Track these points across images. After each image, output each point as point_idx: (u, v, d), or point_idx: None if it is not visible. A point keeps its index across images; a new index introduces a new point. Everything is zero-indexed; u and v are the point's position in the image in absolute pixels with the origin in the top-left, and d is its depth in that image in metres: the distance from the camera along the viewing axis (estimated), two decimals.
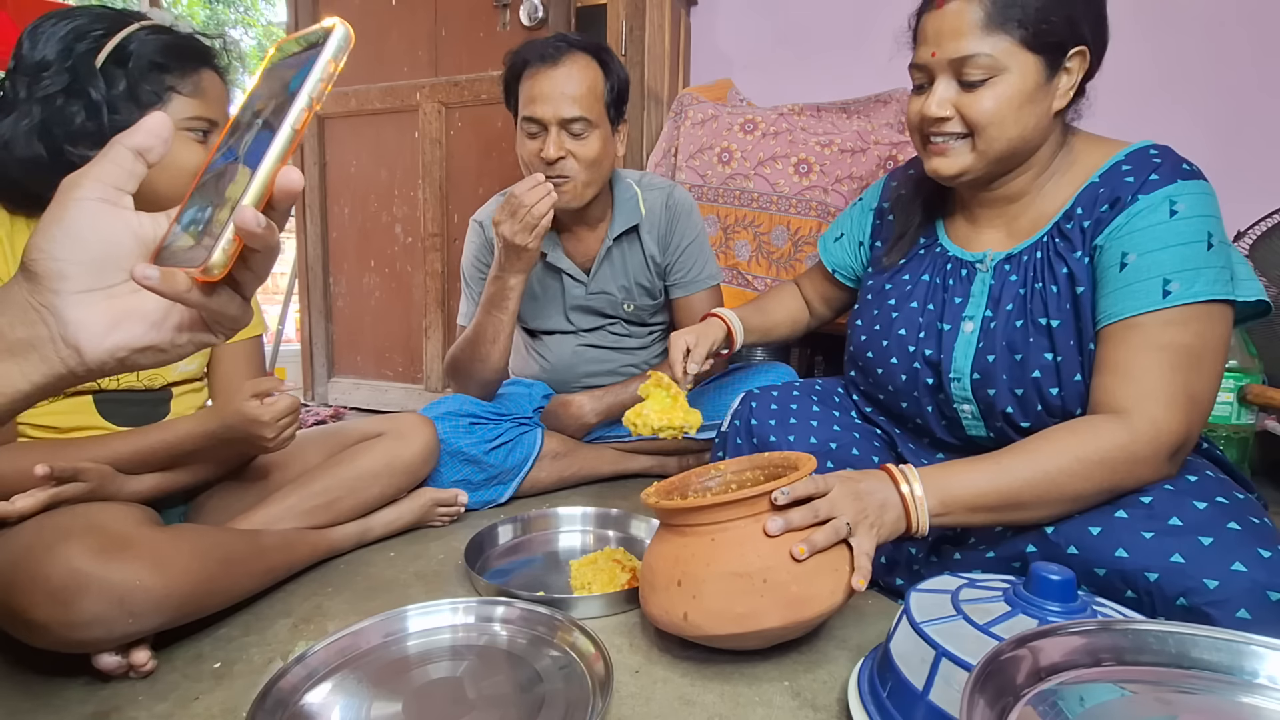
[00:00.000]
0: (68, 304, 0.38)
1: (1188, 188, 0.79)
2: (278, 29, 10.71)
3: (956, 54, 0.82)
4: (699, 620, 0.73)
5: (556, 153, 1.24)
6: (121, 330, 0.39)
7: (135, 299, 0.39)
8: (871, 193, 1.16)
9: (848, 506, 0.75)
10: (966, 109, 0.84)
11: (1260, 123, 1.78)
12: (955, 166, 0.88)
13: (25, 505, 0.80)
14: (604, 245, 1.41)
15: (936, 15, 0.85)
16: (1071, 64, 0.83)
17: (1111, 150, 0.86)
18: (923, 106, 0.87)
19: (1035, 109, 0.83)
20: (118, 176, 0.40)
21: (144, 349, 0.40)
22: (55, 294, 0.38)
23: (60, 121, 0.81)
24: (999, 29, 0.80)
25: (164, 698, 0.72)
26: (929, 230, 1.03)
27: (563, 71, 1.23)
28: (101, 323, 0.39)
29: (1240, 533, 0.69)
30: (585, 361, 1.50)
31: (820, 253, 1.22)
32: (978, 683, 0.39)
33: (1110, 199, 0.82)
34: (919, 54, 0.88)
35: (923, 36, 0.87)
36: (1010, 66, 0.81)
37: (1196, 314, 0.76)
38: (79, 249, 0.38)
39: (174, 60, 0.85)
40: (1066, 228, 0.86)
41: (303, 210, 2.49)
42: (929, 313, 0.97)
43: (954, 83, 0.85)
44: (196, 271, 0.36)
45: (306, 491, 1.05)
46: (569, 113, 1.23)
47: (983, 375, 0.89)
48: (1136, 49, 1.84)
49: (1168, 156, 0.82)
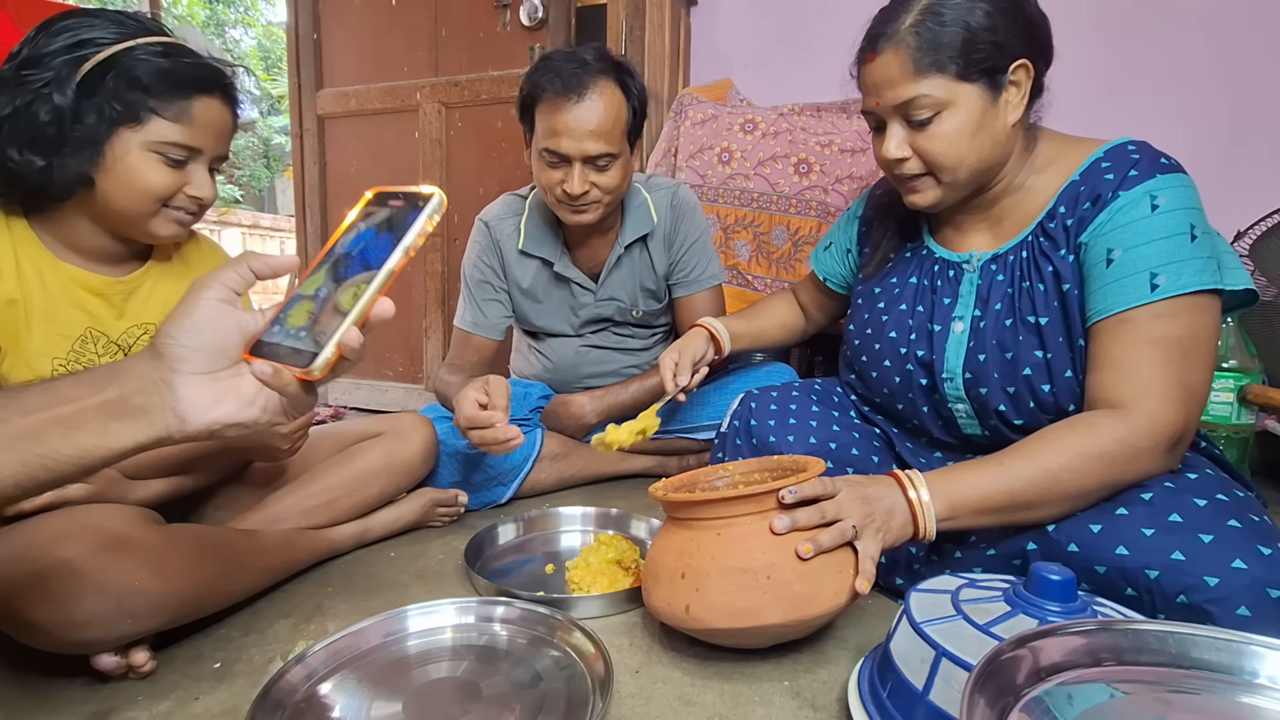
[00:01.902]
0: (183, 382, 0.47)
1: (1167, 181, 0.79)
2: (278, 29, 10.71)
3: (897, 100, 0.85)
4: (701, 613, 0.73)
5: (581, 188, 1.22)
6: (220, 407, 0.48)
7: (234, 382, 0.49)
8: (858, 202, 1.18)
9: (855, 510, 0.75)
10: (922, 149, 0.86)
11: (1260, 122, 1.78)
12: (928, 200, 0.91)
13: (27, 503, 0.80)
14: (614, 253, 1.40)
15: (870, 68, 0.87)
16: (1016, 76, 0.84)
17: (1090, 148, 0.87)
18: (883, 149, 0.90)
19: (989, 131, 0.85)
20: (237, 283, 0.50)
21: (234, 424, 0.49)
22: (175, 373, 0.47)
23: (23, 118, 0.79)
24: (930, 69, 0.82)
25: (164, 698, 0.72)
26: (915, 235, 1.04)
27: (587, 106, 1.19)
28: (206, 400, 0.48)
29: (1240, 530, 0.69)
30: (588, 362, 1.50)
31: (811, 262, 1.24)
32: (978, 683, 0.39)
33: (1091, 196, 0.83)
34: (865, 102, 0.91)
35: (864, 87, 0.90)
36: (953, 100, 0.83)
37: (1186, 305, 0.76)
38: (200, 338, 0.48)
39: (162, 84, 0.83)
40: (1050, 227, 0.87)
41: (302, 210, 2.49)
42: (919, 314, 0.97)
43: (904, 124, 0.87)
44: (300, 372, 0.48)
45: (306, 491, 1.05)
46: (594, 149, 1.20)
47: (975, 374, 0.90)
48: (1136, 48, 1.84)
49: (1145, 152, 0.82)
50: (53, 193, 0.83)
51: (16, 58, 0.81)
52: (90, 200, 0.86)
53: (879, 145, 0.91)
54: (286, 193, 5.86)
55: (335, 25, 2.37)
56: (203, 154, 0.89)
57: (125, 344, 0.96)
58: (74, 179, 0.82)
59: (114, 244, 0.93)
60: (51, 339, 0.90)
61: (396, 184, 0.54)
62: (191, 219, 0.93)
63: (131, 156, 0.83)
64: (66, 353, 0.91)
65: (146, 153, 0.84)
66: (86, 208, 0.87)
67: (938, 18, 0.81)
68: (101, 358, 0.94)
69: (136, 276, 0.97)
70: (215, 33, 10.87)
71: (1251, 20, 1.76)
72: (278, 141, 10.64)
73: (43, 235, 0.89)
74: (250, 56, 11.20)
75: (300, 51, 2.40)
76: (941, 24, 0.81)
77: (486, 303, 1.45)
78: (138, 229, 0.90)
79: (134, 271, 0.97)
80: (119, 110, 0.81)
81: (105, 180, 0.84)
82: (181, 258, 1.03)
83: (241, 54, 11.16)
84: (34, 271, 0.88)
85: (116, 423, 0.47)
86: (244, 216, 6.85)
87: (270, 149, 10.83)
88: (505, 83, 2.11)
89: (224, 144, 0.92)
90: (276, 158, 10.82)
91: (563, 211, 1.29)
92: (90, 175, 0.83)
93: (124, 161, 0.83)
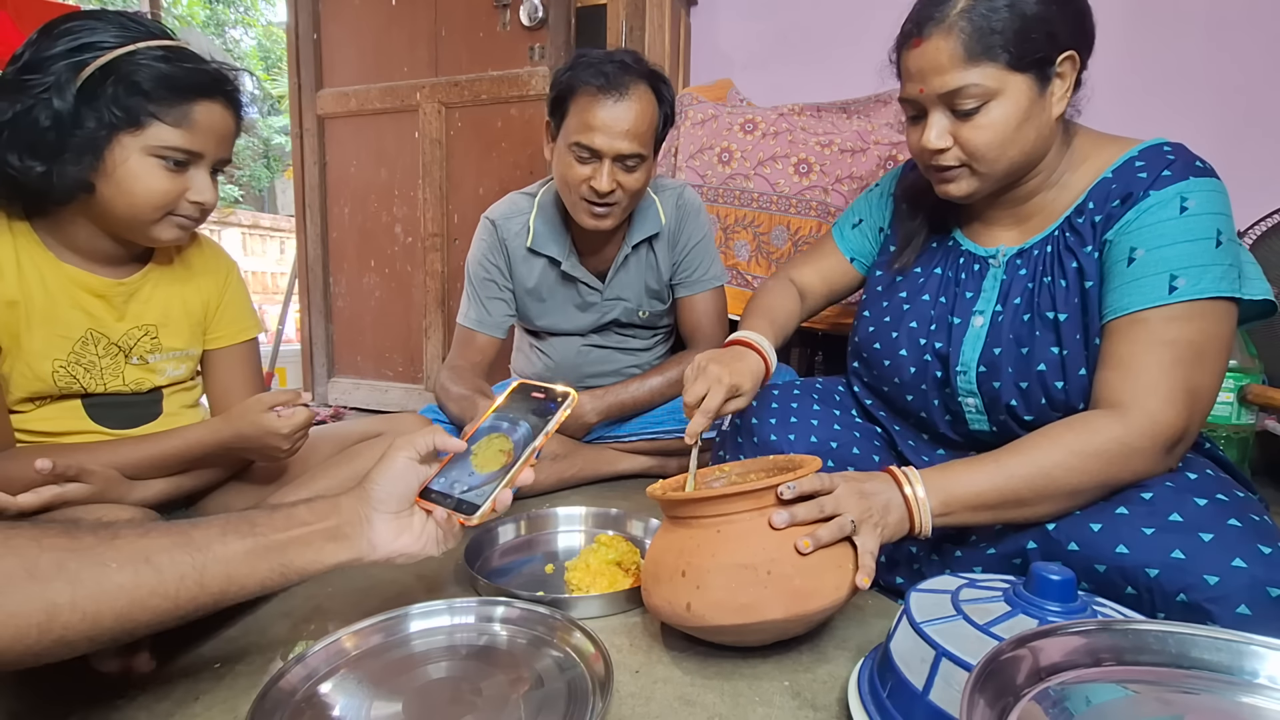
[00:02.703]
0: (378, 518, 0.65)
1: (1200, 184, 0.79)
2: (278, 29, 10.71)
3: (944, 88, 0.82)
4: (702, 610, 0.73)
5: (609, 186, 1.23)
6: (400, 540, 0.66)
7: (409, 520, 0.67)
8: (890, 178, 1.13)
9: (853, 505, 0.75)
10: (965, 140, 0.83)
11: (1261, 122, 1.78)
12: (963, 190, 0.88)
13: (28, 502, 0.80)
14: (621, 253, 1.41)
15: (916, 53, 0.83)
16: (1063, 68, 0.82)
17: (1125, 146, 0.86)
18: (922, 139, 0.86)
19: (1034, 124, 0.83)
20: (425, 448, 0.68)
21: (407, 554, 0.67)
22: (375, 510, 0.65)
23: (24, 124, 0.79)
24: (982, 57, 0.79)
25: (164, 698, 0.72)
26: (944, 226, 1.02)
27: (626, 106, 1.20)
28: (390, 533, 0.66)
29: (1240, 529, 0.69)
30: (590, 362, 1.50)
31: (836, 240, 1.16)
32: (978, 683, 0.39)
33: (1122, 194, 0.82)
34: (906, 89, 0.87)
35: (907, 73, 0.86)
36: (1002, 90, 0.80)
37: (1202, 310, 0.76)
38: (395, 486, 0.66)
39: (163, 89, 0.82)
40: (1078, 222, 0.86)
41: (303, 210, 2.49)
42: (940, 306, 0.96)
43: (948, 113, 0.84)
44: (462, 519, 0.68)
45: (305, 491, 1.04)
46: (627, 149, 1.22)
47: (988, 368, 0.90)
48: (1138, 49, 1.84)
49: (1181, 153, 0.82)
50: (53, 197, 0.83)
51: (18, 61, 0.81)
52: (91, 204, 0.85)
53: (916, 135, 0.88)
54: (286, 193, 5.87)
55: (335, 25, 2.37)
56: (204, 158, 0.88)
57: (125, 345, 0.96)
58: (74, 184, 0.82)
59: (115, 246, 0.93)
60: (52, 340, 0.90)
61: (535, 381, 0.78)
62: (193, 223, 0.92)
63: (131, 161, 0.83)
64: (67, 354, 0.91)
65: (146, 157, 0.84)
66: (88, 211, 0.87)
67: (991, 3, 0.78)
68: (102, 359, 0.95)
69: (137, 278, 0.97)
70: (215, 33, 10.86)
71: (1252, 20, 1.76)
72: (278, 141, 10.63)
73: (45, 237, 0.89)
74: (250, 56, 11.19)
75: (300, 51, 2.40)
76: (994, 10, 0.78)
77: (490, 300, 1.45)
78: (139, 233, 0.90)
79: (135, 273, 0.97)
80: (119, 115, 0.81)
81: (105, 185, 0.84)
82: (183, 260, 1.03)
83: (241, 54, 11.16)
84: (35, 273, 0.88)
85: (331, 544, 0.63)
86: (244, 217, 6.85)
87: (270, 149, 10.83)
88: (505, 83, 2.11)
89: (226, 148, 0.91)
90: (276, 158, 10.81)
91: (580, 213, 1.29)
92: (91, 180, 0.83)
93: (124, 166, 0.83)
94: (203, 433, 0.93)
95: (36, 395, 0.91)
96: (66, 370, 0.92)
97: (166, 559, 0.55)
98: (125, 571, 0.53)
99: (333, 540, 0.63)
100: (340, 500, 0.65)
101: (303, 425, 0.93)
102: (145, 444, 0.92)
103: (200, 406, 1.11)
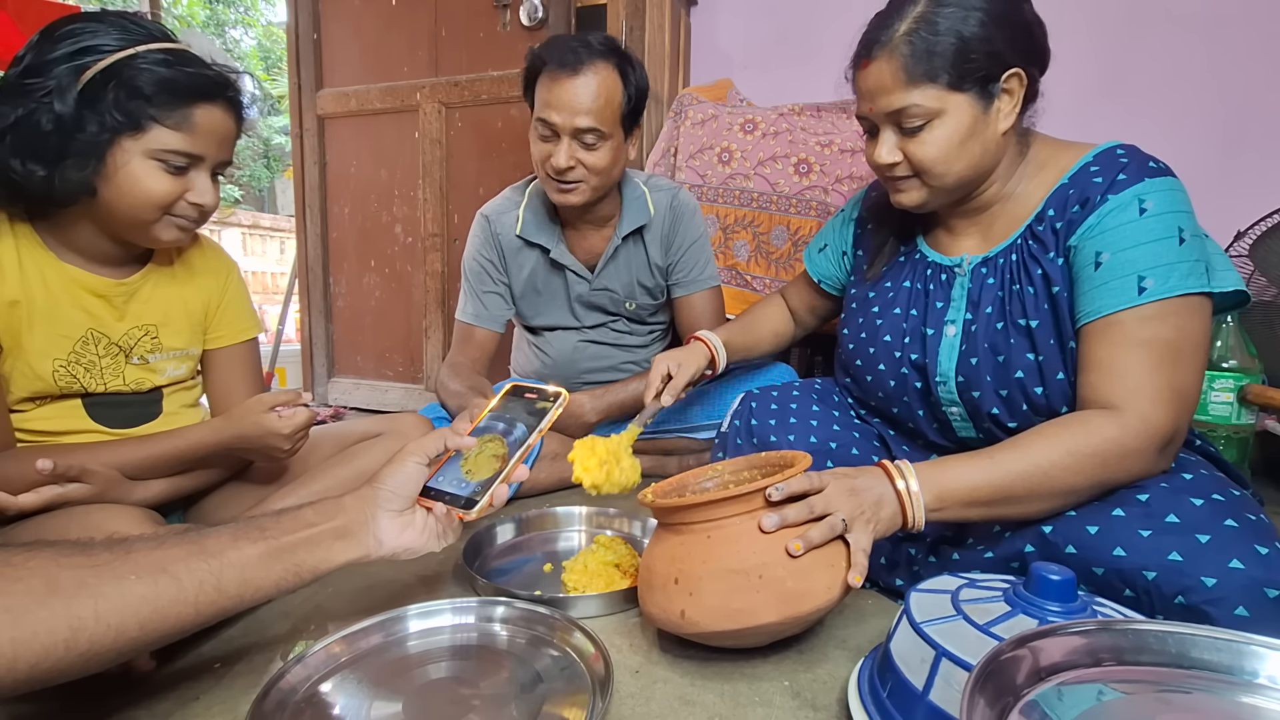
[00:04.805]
0: (384, 516, 0.69)
1: (1155, 185, 0.79)
2: (278, 29, 10.71)
3: (890, 108, 0.85)
4: (696, 617, 0.73)
5: (566, 163, 1.25)
6: (404, 536, 0.69)
7: (411, 518, 0.71)
8: (852, 203, 1.18)
9: (843, 503, 0.75)
10: (912, 154, 0.87)
11: (1260, 123, 1.78)
12: (914, 200, 0.92)
13: (29, 501, 0.80)
14: (611, 244, 1.41)
15: (864, 74, 0.88)
16: (1009, 84, 0.84)
17: (1080, 152, 0.87)
18: (874, 153, 0.90)
19: (979, 140, 0.85)
20: (433, 450, 0.72)
21: (410, 549, 0.70)
22: (380, 509, 0.68)
23: (25, 128, 0.79)
24: (922, 79, 0.82)
25: (164, 697, 0.72)
26: (909, 239, 1.04)
27: (581, 81, 1.22)
28: (395, 530, 0.69)
29: (1237, 530, 0.69)
30: (587, 358, 1.50)
31: (805, 263, 1.24)
32: (978, 683, 0.39)
33: (1080, 199, 0.83)
34: (859, 107, 0.91)
35: (858, 92, 0.91)
36: (944, 109, 0.83)
37: (1174, 308, 0.77)
38: (401, 487, 0.70)
39: (164, 93, 0.82)
40: (1039, 230, 0.87)
41: (303, 210, 2.49)
42: (912, 318, 0.98)
43: (895, 130, 0.88)
44: (460, 514, 0.72)
45: (306, 491, 1.04)
46: (583, 124, 1.23)
47: (967, 378, 0.90)
48: (1137, 49, 1.84)
49: (1134, 155, 0.83)
50: (55, 200, 0.83)
51: (20, 64, 0.81)
52: (93, 206, 0.85)
53: (871, 149, 0.92)
54: (286, 193, 5.89)
55: (335, 25, 2.37)
56: (204, 161, 0.88)
57: (126, 345, 0.96)
58: (76, 188, 0.82)
59: (116, 247, 0.93)
60: (53, 340, 0.90)
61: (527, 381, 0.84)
62: (194, 224, 0.93)
63: (132, 164, 0.83)
64: (68, 354, 0.91)
65: (147, 160, 0.84)
66: (89, 212, 0.87)
67: (931, 26, 0.81)
68: (102, 359, 0.95)
69: (138, 279, 0.97)
70: (215, 33, 10.85)
71: (1248, 24, 1.76)
72: (278, 141, 10.63)
73: (46, 237, 0.89)
74: (250, 57, 11.19)
75: (300, 51, 2.40)
76: (935, 33, 0.81)
77: (486, 294, 1.46)
78: (140, 235, 0.90)
79: (136, 274, 0.97)
80: (120, 119, 0.81)
81: (107, 188, 0.84)
82: (184, 261, 1.03)
83: (241, 54, 11.15)
84: (37, 273, 0.88)
85: (339, 543, 0.65)
86: (244, 217, 6.86)
87: (270, 149, 10.82)
88: (505, 83, 2.11)
89: (227, 150, 0.91)
90: (276, 158, 10.80)
91: (550, 189, 1.31)
92: (92, 183, 0.83)
93: (125, 169, 0.83)
94: (204, 433, 0.93)
95: (37, 395, 0.91)
96: (67, 370, 0.92)
97: (184, 568, 0.57)
98: (145, 582, 0.54)
99: (340, 539, 0.66)
100: (344, 500, 0.68)
101: (303, 425, 0.93)
102: (146, 444, 0.92)
103: (200, 406, 1.11)
